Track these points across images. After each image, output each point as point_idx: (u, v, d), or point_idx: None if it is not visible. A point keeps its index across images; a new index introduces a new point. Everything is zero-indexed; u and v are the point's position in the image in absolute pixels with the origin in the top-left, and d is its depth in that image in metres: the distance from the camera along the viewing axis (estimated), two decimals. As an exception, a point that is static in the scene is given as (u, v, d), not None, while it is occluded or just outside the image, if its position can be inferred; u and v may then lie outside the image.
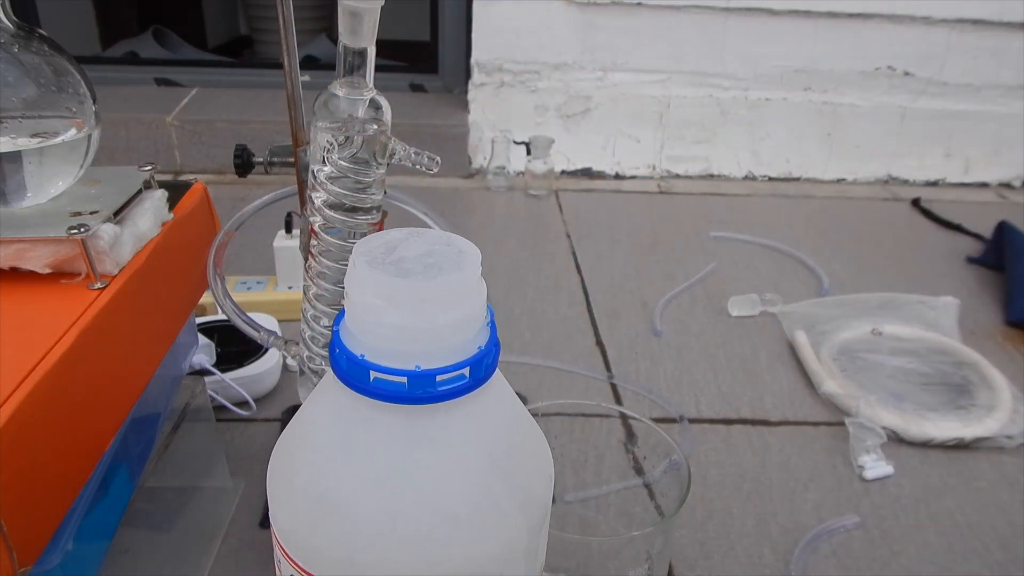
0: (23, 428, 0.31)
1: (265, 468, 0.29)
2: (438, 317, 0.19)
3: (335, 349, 0.20)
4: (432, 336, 0.19)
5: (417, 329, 0.19)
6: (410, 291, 0.18)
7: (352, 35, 0.38)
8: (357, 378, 0.19)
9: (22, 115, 0.41)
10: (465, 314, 0.19)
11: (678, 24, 1.40)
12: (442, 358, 0.19)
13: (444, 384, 0.19)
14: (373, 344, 0.19)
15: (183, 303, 0.52)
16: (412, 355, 0.19)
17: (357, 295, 0.19)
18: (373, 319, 0.19)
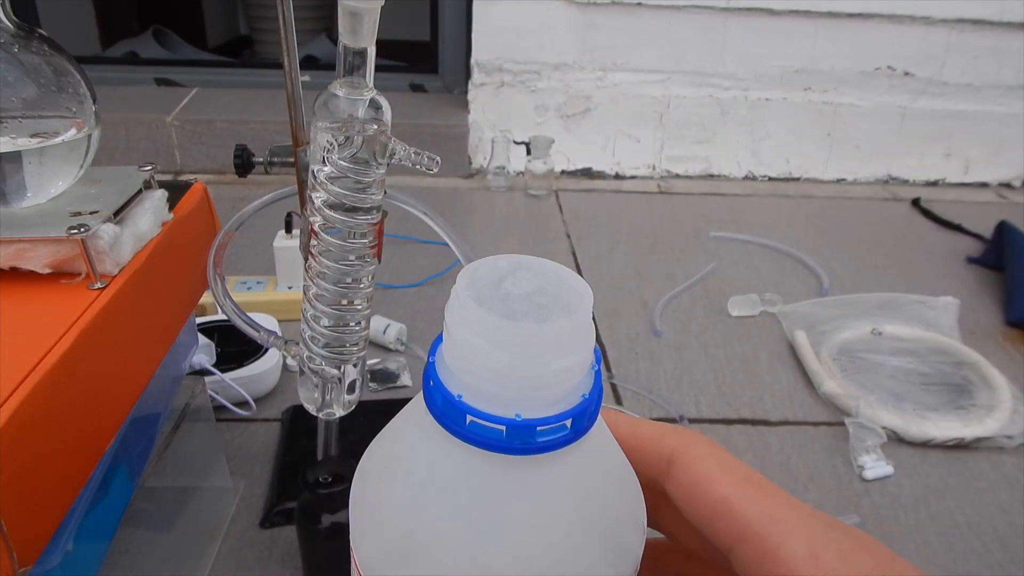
0: (23, 428, 0.31)
1: (265, 468, 0.29)
2: (546, 364, 0.17)
3: (429, 381, 0.19)
4: (537, 384, 0.17)
5: (522, 376, 0.17)
6: (519, 335, 0.17)
7: (352, 35, 0.38)
8: (452, 419, 0.18)
9: (22, 115, 0.41)
10: (574, 361, 0.18)
11: (678, 24, 1.40)
12: (545, 408, 0.18)
13: (544, 435, 0.18)
14: (473, 385, 0.18)
15: (183, 303, 0.52)
16: (514, 402, 0.18)
17: (460, 332, 0.18)
18: (476, 360, 0.18)
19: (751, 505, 0.19)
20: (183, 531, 0.56)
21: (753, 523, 0.19)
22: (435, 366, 0.19)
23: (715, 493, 0.20)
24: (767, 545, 0.18)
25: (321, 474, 0.51)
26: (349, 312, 0.45)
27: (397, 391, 0.78)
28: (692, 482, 0.20)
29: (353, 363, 0.47)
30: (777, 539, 0.18)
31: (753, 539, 0.19)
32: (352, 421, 0.70)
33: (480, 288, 0.18)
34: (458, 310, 0.18)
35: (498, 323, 0.17)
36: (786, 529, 0.18)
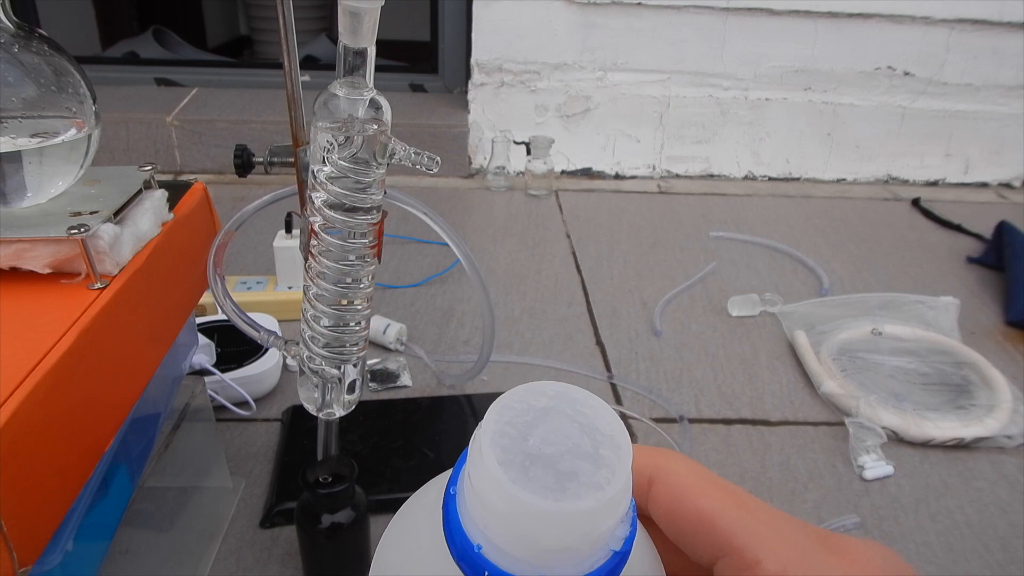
0: (23, 428, 0.31)
1: (265, 468, 0.29)
2: (568, 538, 0.16)
3: (450, 519, 0.18)
4: (560, 551, 0.17)
5: (542, 546, 0.16)
6: (540, 513, 0.16)
7: (352, 35, 0.38)
8: (470, 567, 0.17)
9: (22, 115, 0.41)
10: (600, 532, 0.17)
11: (678, 24, 1.40)
12: (569, 566, 0.17)
13: None
14: (492, 540, 0.17)
15: (183, 303, 0.52)
16: (535, 564, 0.17)
17: (484, 489, 0.17)
18: (495, 522, 0.17)
19: (732, 519, 0.19)
20: (183, 531, 0.56)
21: (733, 537, 0.19)
22: (455, 500, 0.18)
23: (696, 506, 0.19)
24: (746, 559, 0.18)
25: (321, 474, 0.51)
26: (349, 312, 0.45)
27: (397, 391, 0.78)
28: (673, 497, 0.20)
29: (353, 363, 0.47)
30: (756, 555, 0.18)
31: (733, 553, 0.19)
32: (352, 421, 0.70)
33: (507, 442, 0.17)
34: (479, 464, 0.17)
35: (525, 498, 0.16)
36: (765, 546, 0.18)
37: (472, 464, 0.17)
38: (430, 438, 0.69)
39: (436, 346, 0.87)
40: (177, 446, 0.52)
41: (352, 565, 0.55)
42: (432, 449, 0.67)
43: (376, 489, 0.62)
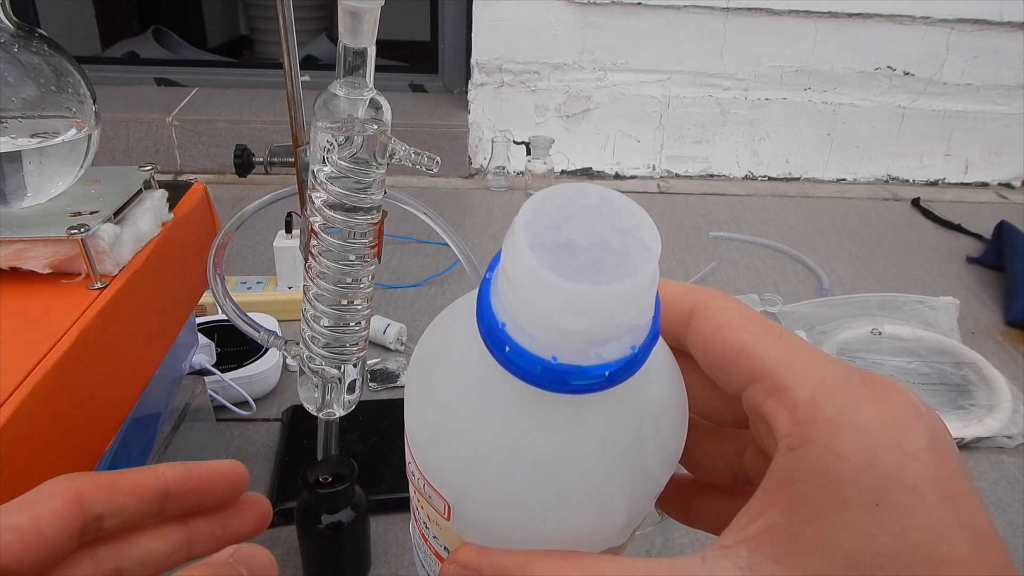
0: (23, 428, 0.31)
1: (265, 468, 0.29)
2: (581, 322, 0.17)
3: (482, 298, 0.19)
4: (579, 338, 0.17)
5: (564, 328, 0.17)
6: (566, 293, 0.17)
7: (352, 35, 0.38)
8: (494, 343, 0.18)
9: (22, 115, 0.41)
10: (621, 322, 0.17)
11: (678, 24, 1.40)
12: (586, 356, 0.17)
13: (579, 382, 0.17)
14: (515, 318, 0.17)
15: (183, 303, 0.52)
16: (553, 347, 0.17)
17: (510, 268, 0.18)
18: (521, 301, 0.17)
19: (768, 349, 0.19)
20: (183, 531, 0.56)
21: (767, 365, 0.19)
22: (490, 284, 0.19)
23: (734, 339, 0.20)
24: (777, 384, 0.19)
25: (321, 474, 0.51)
26: (349, 312, 0.45)
27: (397, 391, 0.78)
28: (712, 330, 0.20)
29: (353, 363, 0.47)
30: (786, 381, 0.19)
31: (765, 379, 0.19)
32: (352, 421, 0.70)
33: (540, 228, 0.18)
34: (512, 247, 0.18)
35: (546, 276, 0.17)
36: (797, 373, 0.19)
37: (505, 247, 0.18)
38: (430, 438, 0.69)
39: (436, 346, 0.87)
40: (177, 446, 0.52)
41: (352, 565, 0.55)
42: (432, 449, 0.67)
43: (376, 489, 0.62)
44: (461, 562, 0.20)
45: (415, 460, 0.21)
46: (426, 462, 0.20)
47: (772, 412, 0.19)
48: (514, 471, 0.19)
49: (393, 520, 0.61)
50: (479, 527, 0.20)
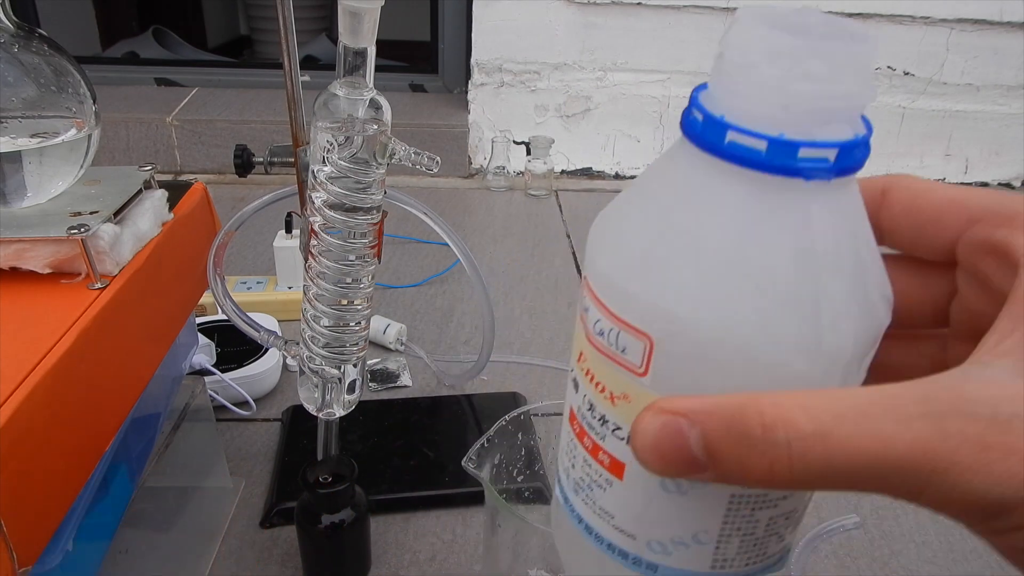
0: (23, 428, 0.31)
1: (265, 468, 0.29)
2: (818, 83, 0.17)
3: (691, 110, 0.19)
4: (808, 107, 0.17)
5: (793, 92, 0.17)
6: (800, 49, 0.17)
7: (352, 35, 0.38)
8: (712, 136, 0.18)
9: (22, 115, 0.41)
10: (848, 89, 0.17)
11: (678, 24, 1.40)
12: (811, 132, 0.17)
13: (806, 161, 0.17)
14: (739, 106, 0.18)
15: (183, 303, 0.52)
16: (780, 122, 0.17)
17: (738, 51, 0.18)
18: (748, 77, 0.18)
19: (982, 198, 0.19)
20: (183, 531, 0.56)
21: (988, 205, 0.19)
22: (697, 98, 0.20)
23: (942, 194, 0.20)
24: (1004, 215, 0.18)
25: (321, 474, 0.51)
26: (349, 312, 0.45)
27: (397, 391, 0.78)
28: (914, 195, 0.20)
29: (353, 363, 0.47)
30: (1013, 211, 0.18)
31: (988, 217, 0.19)
32: (352, 421, 0.70)
33: (763, 16, 0.18)
34: (739, 30, 0.18)
35: (780, 37, 0.17)
36: (1021, 206, 0.18)
37: (728, 38, 0.19)
38: (430, 438, 0.69)
39: (436, 346, 0.87)
40: (177, 446, 0.52)
41: (352, 565, 0.55)
42: (432, 449, 0.67)
43: (376, 489, 0.62)
44: (669, 408, 0.17)
45: (606, 306, 0.20)
46: (626, 298, 0.19)
47: (1007, 237, 0.18)
48: (736, 277, 0.18)
49: (393, 520, 0.61)
50: (687, 369, 0.18)
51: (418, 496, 0.63)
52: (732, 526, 0.20)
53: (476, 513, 0.62)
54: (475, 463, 0.44)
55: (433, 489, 0.63)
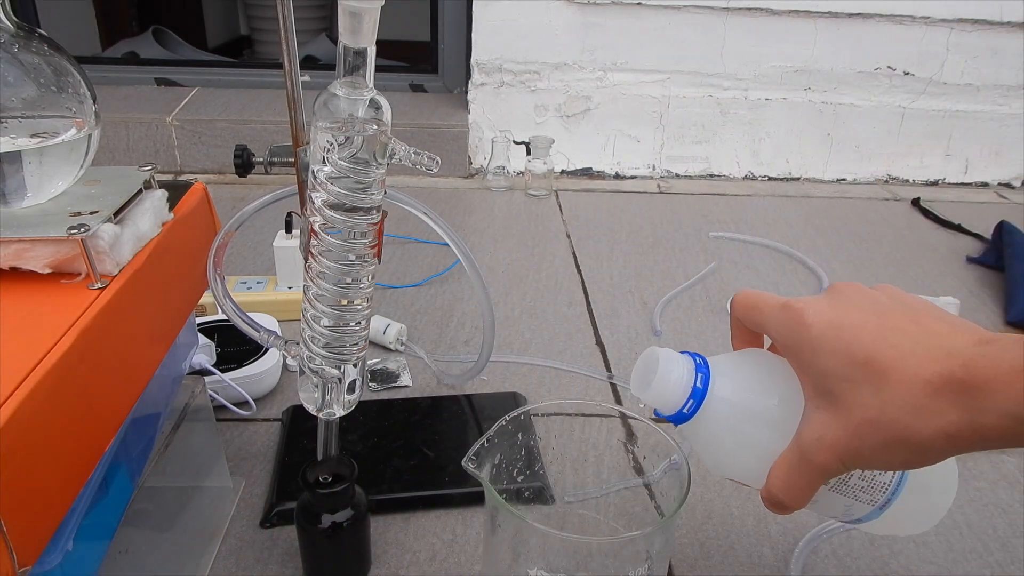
0: (23, 428, 0.31)
1: (265, 468, 0.29)
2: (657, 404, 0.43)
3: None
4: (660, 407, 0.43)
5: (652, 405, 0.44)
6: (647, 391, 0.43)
7: (352, 35, 0.38)
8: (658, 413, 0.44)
9: (22, 115, 0.41)
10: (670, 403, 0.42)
11: (678, 24, 1.40)
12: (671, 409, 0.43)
13: (673, 417, 0.43)
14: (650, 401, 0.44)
15: (183, 303, 0.52)
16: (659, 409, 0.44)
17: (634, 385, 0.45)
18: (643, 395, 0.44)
19: (770, 300, 0.41)
20: (183, 531, 0.56)
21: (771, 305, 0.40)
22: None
23: (757, 298, 0.42)
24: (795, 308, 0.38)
25: (321, 474, 0.51)
26: (349, 312, 0.45)
27: (397, 391, 0.78)
28: (747, 297, 0.42)
29: (353, 363, 0.47)
30: (800, 305, 0.38)
31: (792, 307, 0.38)
32: (352, 421, 0.70)
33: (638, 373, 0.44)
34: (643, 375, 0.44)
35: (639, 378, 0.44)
36: (804, 303, 0.38)
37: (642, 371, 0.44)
38: (430, 438, 0.69)
39: (436, 346, 0.87)
40: (177, 446, 0.52)
41: (352, 565, 0.55)
42: (432, 449, 0.67)
43: (376, 489, 0.62)
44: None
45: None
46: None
47: (760, 320, 0.41)
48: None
49: (393, 520, 0.61)
50: None
51: (418, 496, 0.63)
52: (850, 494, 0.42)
53: (476, 513, 0.62)
54: (475, 463, 0.44)
55: (433, 489, 0.63)
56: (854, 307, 0.36)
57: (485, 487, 0.43)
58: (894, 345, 0.33)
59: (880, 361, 0.33)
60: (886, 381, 0.33)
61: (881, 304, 0.36)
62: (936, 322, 0.35)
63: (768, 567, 0.59)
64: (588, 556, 0.42)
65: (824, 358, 0.35)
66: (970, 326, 0.35)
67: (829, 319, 0.36)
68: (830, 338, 0.35)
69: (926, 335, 0.34)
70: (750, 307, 0.41)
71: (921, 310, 0.36)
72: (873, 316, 0.35)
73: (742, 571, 0.58)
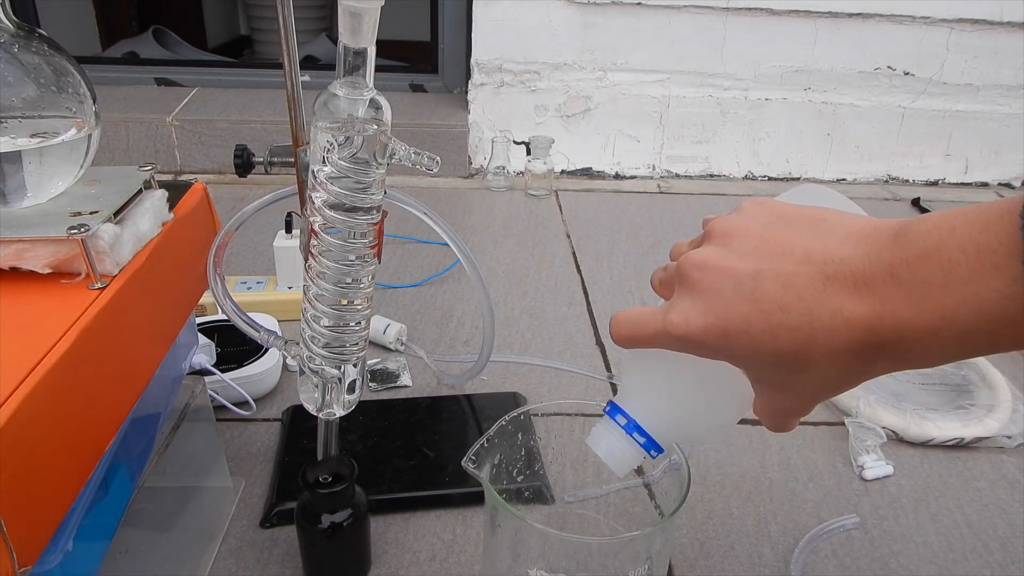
0: (23, 428, 0.31)
1: (265, 468, 0.29)
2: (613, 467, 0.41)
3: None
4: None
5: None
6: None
7: (352, 35, 0.38)
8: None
9: (22, 115, 0.41)
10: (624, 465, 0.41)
11: (678, 24, 1.40)
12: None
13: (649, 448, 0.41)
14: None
15: (183, 303, 0.52)
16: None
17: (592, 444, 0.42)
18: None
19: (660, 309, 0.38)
20: (183, 531, 0.56)
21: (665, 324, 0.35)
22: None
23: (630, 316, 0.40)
24: (670, 331, 0.34)
25: (321, 474, 0.51)
26: (349, 312, 0.45)
27: (397, 391, 0.78)
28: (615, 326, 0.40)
29: (353, 363, 0.47)
30: (670, 317, 0.35)
31: (668, 331, 0.35)
32: (352, 421, 0.70)
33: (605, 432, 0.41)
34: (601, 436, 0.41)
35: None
36: (671, 317, 0.35)
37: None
38: (430, 438, 0.69)
39: (436, 346, 0.87)
40: (177, 446, 0.52)
41: (352, 565, 0.55)
42: (432, 449, 0.67)
43: (376, 489, 0.62)
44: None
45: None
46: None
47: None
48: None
49: (393, 520, 0.61)
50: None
51: (418, 496, 0.63)
52: None
53: (476, 513, 0.62)
54: (475, 463, 0.44)
55: (433, 489, 0.63)
56: (727, 284, 0.32)
57: (485, 487, 0.43)
58: (793, 328, 0.29)
59: (790, 352, 0.30)
60: (807, 364, 0.30)
61: (761, 254, 0.32)
62: (821, 265, 0.30)
63: (768, 567, 0.59)
64: (588, 556, 0.42)
65: (735, 359, 0.32)
66: (851, 244, 0.30)
67: (704, 324, 0.32)
68: (725, 346, 0.32)
69: (814, 294, 0.29)
70: (631, 339, 0.37)
71: (798, 249, 0.31)
72: (750, 302, 0.31)
73: (742, 571, 0.58)
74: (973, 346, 0.27)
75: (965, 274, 0.26)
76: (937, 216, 0.27)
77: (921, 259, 0.27)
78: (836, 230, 0.31)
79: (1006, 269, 0.25)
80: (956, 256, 0.26)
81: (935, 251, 0.27)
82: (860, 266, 0.29)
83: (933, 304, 0.26)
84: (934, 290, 0.26)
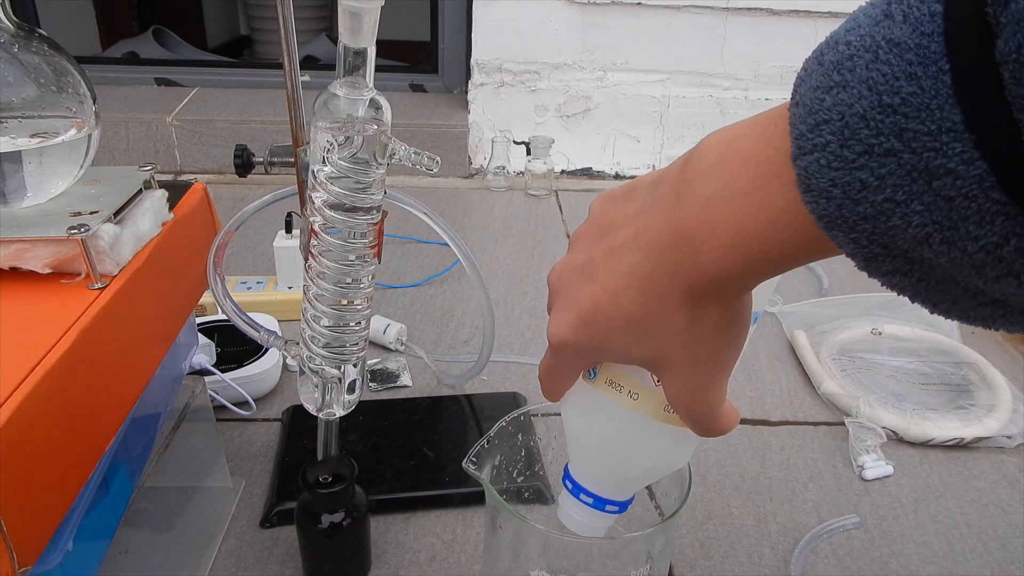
0: (23, 428, 0.31)
1: (265, 468, 0.29)
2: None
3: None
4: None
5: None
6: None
7: (352, 35, 0.38)
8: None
9: (22, 115, 0.41)
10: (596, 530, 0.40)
11: (678, 24, 1.40)
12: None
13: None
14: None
15: (183, 303, 0.52)
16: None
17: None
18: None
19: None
20: (183, 531, 0.56)
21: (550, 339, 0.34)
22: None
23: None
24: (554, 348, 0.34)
25: (321, 474, 0.51)
26: (349, 312, 0.45)
27: (397, 391, 0.78)
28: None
29: (353, 363, 0.47)
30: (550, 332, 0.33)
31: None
32: (352, 421, 0.70)
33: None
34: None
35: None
36: (550, 328, 0.33)
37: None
38: (430, 438, 0.69)
39: (436, 346, 0.87)
40: (177, 446, 0.52)
41: (352, 565, 0.55)
42: (432, 449, 0.67)
43: (376, 489, 0.62)
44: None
45: None
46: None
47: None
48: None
49: (393, 520, 0.61)
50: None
51: (418, 496, 0.63)
52: None
53: (476, 513, 0.62)
54: (475, 464, 0.44)
55: (433, 489, 0.63)
56: (574, 278, 0.32)
57: (485, 488, 0.43)
58: (627, 288, 0.29)
59: (637, 313, 0.29)
60: (654, 322, 0.29)
61: (595, 239, 0.32)
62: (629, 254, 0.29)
63: (768, 567, 0.59)
64: (589, 557, 0.42)
65: (609, 348, 0.31)
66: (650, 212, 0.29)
67: (568, 322, 0.32)
68: (594, 337, 0.31)
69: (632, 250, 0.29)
70: (551, 386, 0.36)
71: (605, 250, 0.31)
72: (591, 283, 0.31)
73: (742, 571, 0.58)
74: (777, 260, 0.26)
75: (747, 186, 0.25)
76: (721, 131, 0.26)
77: (703, 175, 0.26)
78: (645, 181, 0.31)
79: (785, 176, 0.24)
80: (736, 169, 0.25)
81: (715, 167, 0.26)
82: (659, 205, 0.28)
83: (722, 220, 0.25)
84: (720, 204, 0.25)
